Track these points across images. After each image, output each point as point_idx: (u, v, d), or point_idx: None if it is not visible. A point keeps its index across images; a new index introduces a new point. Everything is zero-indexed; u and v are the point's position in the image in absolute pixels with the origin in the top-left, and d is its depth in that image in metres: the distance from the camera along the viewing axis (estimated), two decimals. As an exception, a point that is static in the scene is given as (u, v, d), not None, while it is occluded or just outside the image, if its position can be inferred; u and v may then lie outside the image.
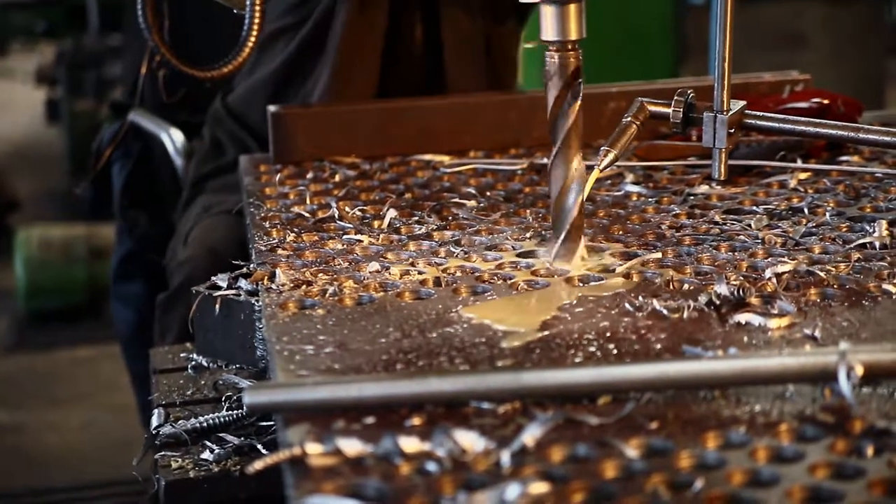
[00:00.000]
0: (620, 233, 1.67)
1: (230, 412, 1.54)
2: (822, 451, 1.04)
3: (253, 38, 1.80)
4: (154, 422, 1.56)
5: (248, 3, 1.80)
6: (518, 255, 1.59)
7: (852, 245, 1.56)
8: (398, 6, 2.32)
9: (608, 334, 1.31)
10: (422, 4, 2.34)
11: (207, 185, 2.43)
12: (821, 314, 1.34)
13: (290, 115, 2.12)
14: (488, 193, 1.88)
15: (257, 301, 1.54)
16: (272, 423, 1.50)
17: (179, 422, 1.54)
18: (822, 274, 1.45)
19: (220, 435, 1.51)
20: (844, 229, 1.64)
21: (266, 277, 1.51)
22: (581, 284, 1.48)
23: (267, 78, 2.35)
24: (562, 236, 1.54)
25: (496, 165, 2.02)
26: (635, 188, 1.87)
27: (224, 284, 1.60)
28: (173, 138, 2.72)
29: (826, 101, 2.03)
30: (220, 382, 1.64)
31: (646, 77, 2.61)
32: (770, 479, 1.00)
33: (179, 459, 1.48)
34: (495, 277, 1.51)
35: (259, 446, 1.48)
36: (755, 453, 1.04)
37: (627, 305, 1.38)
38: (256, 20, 1.78)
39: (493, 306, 1.41)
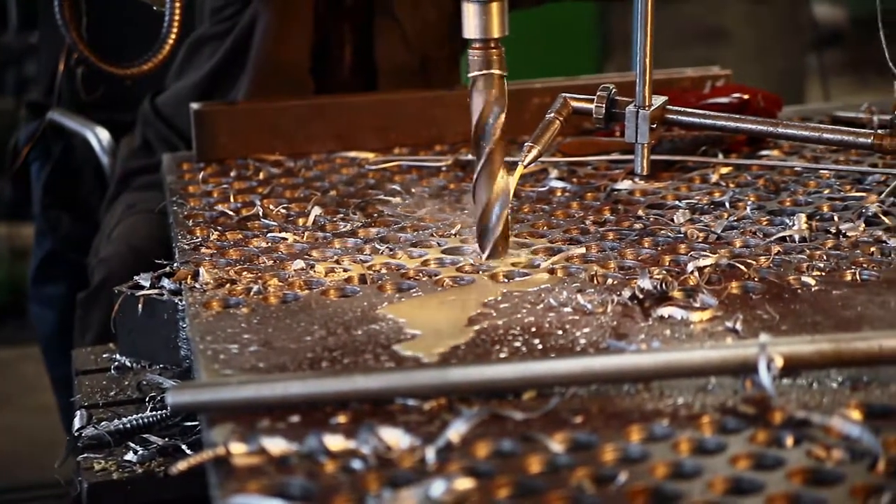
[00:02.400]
0: (545, 228, 1.68)
1: (154, 413, 1.53)
2: (743, 442, 1.05)
3: (173, 36, 1.78)
4: (76, 423, 1.54)
5: (167, 0, 1.78)
6: (443, 252, 1.59)
7: (772, 238, 1.58)
8: (326, 26, 2.30)
9: (533, 329, 1.31)
10: (352, 28, 2.33)
11: (133, 182, 2.41)
12: (742, 307, 1.36)
13: (214, 113, 2.10)
14: (413, 190, 1.88)
15: (181, 300, 1.53)
16: (197, 423, 1.48)
17: (102, 423, 1.52)
18: (743, 267, 1.47)
19: (144, 436, 1.50)
20: (765, 223, 1.66)
21: (189, 276, 1.50)
22: (506, 280, 1.49)
23: (192, 86, 2.34)
24: (488, 249, 1.53)
25: (421, 162, 2.02)
26: (559, 184, 1.88)
27: (147, 284, 1.58)
28: (99, 136, 2.69)
29: (746, 97, 2.06)
30: (144, 383, 1.63)
31: (570, 73, 2.62)
32: (692, 471, 1.01)
33: (102, 461, 1.47)
34: (421, 274, 1.51)
35: (184, 447, 1.47)
36: (678, 446, 1.05)
37: (552, 300, 1.39)
38: (176, 18, 1.76)
39: (419, 303, 1.41)
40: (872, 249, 1.53)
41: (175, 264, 1.59)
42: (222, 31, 2.30)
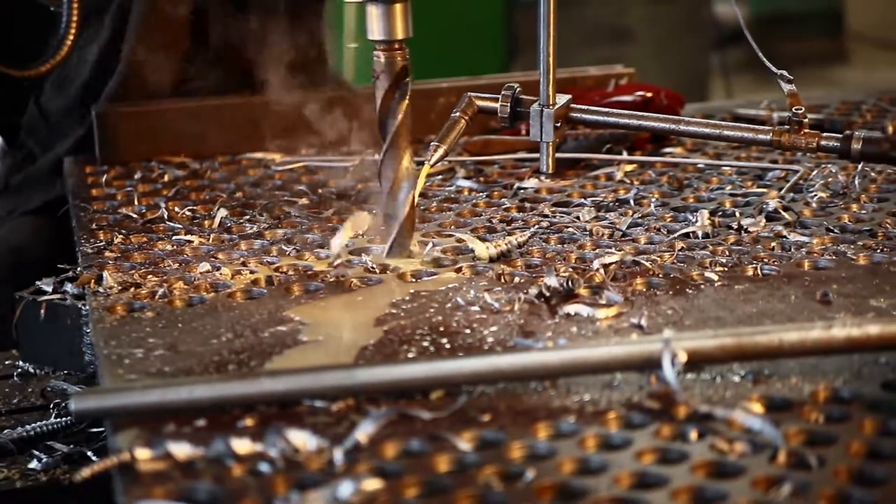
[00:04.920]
0: (453, 227, 1.69)
1: (58, 419, 1.51)
2: (648, 437, 1.07)
3: (72, 36, 1.75)
4: (-22, 432, 1.51)
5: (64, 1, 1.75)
6: (351, 253, 1.59)
7: (676, 235, 1.60)
8: None
9: (441, 329, 1.32)
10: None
11: (11, 188, 2.34)
12: (647, 303, 1.37)
13: (116, 115, 2.08)
14: (320, 191, 1.88)
15: (84, 305, 1.51)
16: (103, 429, 1.46)
17: (5, 431, 1.49)
18: (647, 264, 1.48)
19: (49, 443, 1.48)
20: (669, 219, 1.68)
21: (93, 280, 1.48)
22: (414, 280, 1.49)
23: (88, 64, 2.25)
24: (394, 234, 1.54)
25: (328, 163, 2.02)
26: (467, 183, 1.89)
27: (49, 289, 1.56)
28: None
29: (649, 95, 2.08)
30: (49, 389, 1.60)
31: (478, 73, 2.63)
32: (599, 467, 1.02)
33: (5, 470, 1.44)
34: (328, 275, 1.50)
35: (89, 453, 1.45)
36: (584, 442, 1.06)
37: (459, 300, 1.39)
38: (74, 18, 1.73)
39: (326, 304, 1.41)
40: (773, 244, 1.55)
41: (78, 268, 1.57)
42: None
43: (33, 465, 1.44)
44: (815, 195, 1.74)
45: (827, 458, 1.01)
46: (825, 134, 1.64)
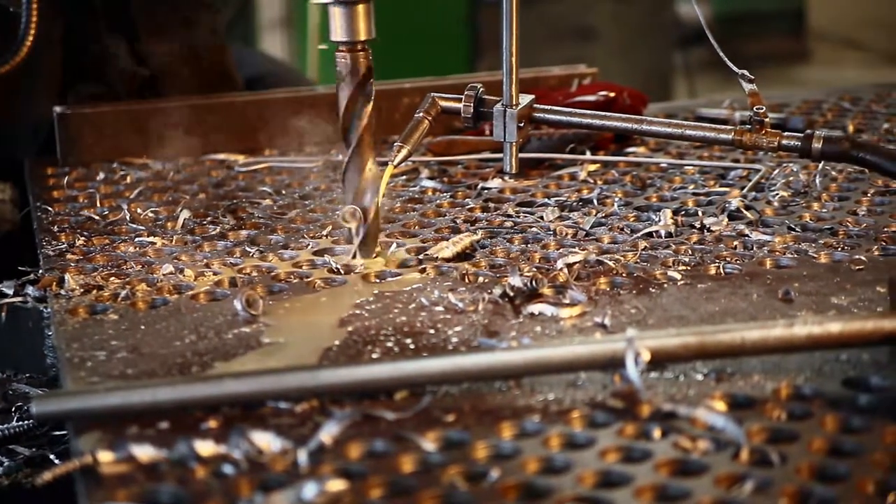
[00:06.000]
0: (417, 228, 1.69)
1: (21, 423, 1.49)
2: (612, 435, 1.07)
3: (31, 37, 1.74)
4: (-61, 436, 1.50)
5: (24, 1, 1.73)
6: (314, 254, 1.58)
7: (639, 234, 1.61)
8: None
9: (405, 329, 1.32)
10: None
11: None
12: (610, 302, 1.38)
13: (77, 116, 2.06)
14: (284, 192, 1.87)
15: (46, 307, 1.50)
16: (65, 432, 1.45)
17: (-34, 435, 1.48)
18: (611, 263, 1.49)
19: (11, 447, 1.47)
20: (632, 219, 1.69)
21: (54, 283, 1.47)
22: (378, 281, 1.49)
23: None
24: (358, 238, 1.53)
25: (291, 163, 2.01)
26: (431, 183, 1.89)
27: (10, 291, 1.54)
28: None
29: (612, 94, 2.09)
30: (10, 392, 1.59)
31: (442, 73, 2.63)
32: (563, 466, 1.02)
33: (-34, 474, 1.43)
34: (292, 276, 1.50)
35: (52, 457, 1.44)
36: (548, 441, 1.06)
37: (424, 300, 1.39)
38: (34, 19, 1.72)
39: (290, 305, 1.41)
40: (735, 243, 1.56)
41: (40, 271, 1.56)
42: None
43: (-5, 469, 1.43)
44: (777, 194, 1.75)
45: (789, 455, 1.02)
46: (786, 133, 1.65)
